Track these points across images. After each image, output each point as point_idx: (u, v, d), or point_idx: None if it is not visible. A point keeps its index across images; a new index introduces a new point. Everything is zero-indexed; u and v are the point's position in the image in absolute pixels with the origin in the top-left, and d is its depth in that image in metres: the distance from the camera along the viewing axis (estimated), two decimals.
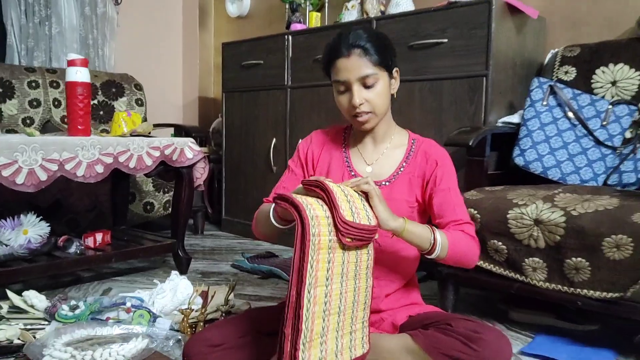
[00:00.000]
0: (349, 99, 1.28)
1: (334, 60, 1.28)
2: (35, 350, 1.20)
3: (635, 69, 1.97)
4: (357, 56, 1.25)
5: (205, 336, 1.26)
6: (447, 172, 1.32)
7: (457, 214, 1.28)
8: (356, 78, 1.26)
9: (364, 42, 1.25)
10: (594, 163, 1.89)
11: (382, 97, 1.29)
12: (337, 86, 1.30)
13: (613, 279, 1.41)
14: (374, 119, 1.30)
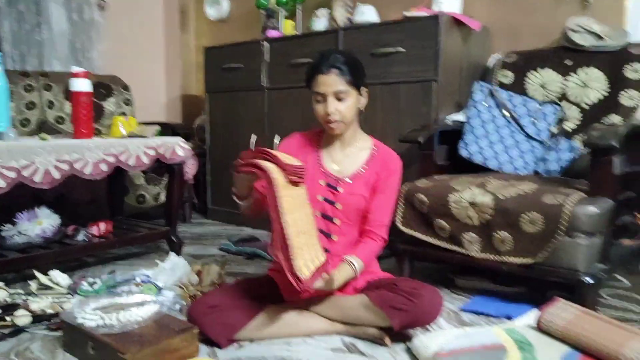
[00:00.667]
0: (324, 107, 1.61)
1: (316, 75, 1.61)
2: (70, 315, 1.50)
3: (559, 73, 2.33)
4: (334, 75, 1.59)
5: (205, 300, 1.59)
6: (392, 181, 1.70)
7: (383, 218, 1.70)
8: (332, 92, 1.59)
9: (340, 64, 1.59)
10: (525, 154, 2.25)
11: (350, 110, 1.62)
12: (316, 96, 1.63)
13: (529, 248, 1.77)
14: (341, 126, 1.64)
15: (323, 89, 1.60)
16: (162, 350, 1.40)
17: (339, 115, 1.62)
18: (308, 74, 1.66)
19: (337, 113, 1.61)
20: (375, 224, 1.66)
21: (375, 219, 1.66)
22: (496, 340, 1.38)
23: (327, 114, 1.61)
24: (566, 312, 1.41)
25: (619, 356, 1.23)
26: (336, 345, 1.58)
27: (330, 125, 1.64)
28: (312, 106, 1.66)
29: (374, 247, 1.67)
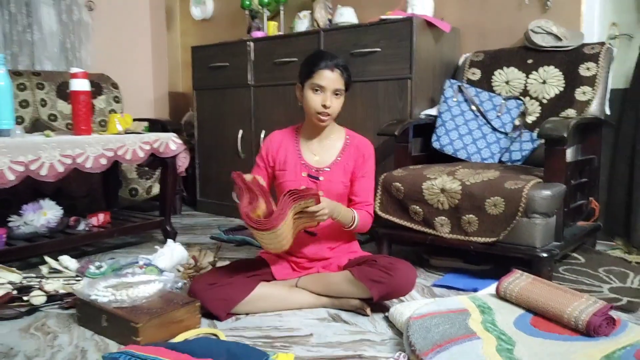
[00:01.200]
0: (322, 99, 1.79)
1: (320, 69, 1.79)
2: (83, 292, 1.67)
3: (522, 71, 2.56)
4: (338, 74, 1.78)
5: (204, 278, 1.78)
6: (369, 165, 1.89)
7: (368, 197, 1.90)
8: (333, 88, 1.78)
9: (342, 67, 1.80)
10: (491, 145, 2.47)
11: (339, 107, 1.83)
12: (314, 87, 1.80)
13: (492, 228, 1.99)
14: (329, 120, 1.83)
15: (326, 83, 1.78)
16: (168, 320, 1.58)
17: (332, 110, 1.81)
18: (309, 66, 1.82)
19: (332, 108, 1.80)
20: (362, 204, 1.87)
21: (361, 200, 1.86)
22: (461, 305, 1.59)
23: (325, 106, 1.79)
24: (521, 281, 1.63)
25: (564, 314, 1.44)
26: (322, 316, 1.78)
27: (321, 117, 1.82)
28: (305, 96, 1.83)
29: (367, 216, 1.88)
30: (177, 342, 1.33)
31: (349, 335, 1.62)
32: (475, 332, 1.42)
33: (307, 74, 1.82)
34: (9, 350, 1.53)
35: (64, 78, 3.47)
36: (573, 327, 1.42)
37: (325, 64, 1.78)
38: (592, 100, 2.35)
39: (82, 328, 1.68)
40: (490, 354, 1.29)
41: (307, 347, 1.54)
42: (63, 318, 1.76)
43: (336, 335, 1.62)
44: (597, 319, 1.38)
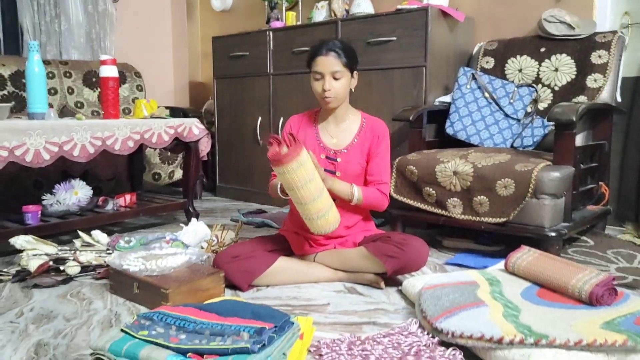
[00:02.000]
0: (321, 85, 1.88)
1: (316, 57, 1.89)
2: (116, 262, 1.79)
3: (535, 59, 2.62)
4: (332, 57, 1.87)
5: (228, 251, 1.88)
6: (384, 146, 1.96)
7: (382, 177, 1.95)
8: (329, 71, 1.87)
9: (337, 48, 1.87)
10: (504, 131, 2.54)
11: (343, 88, 1.90)
12: (315, 75, 1.90)
13: (503, 209, 2.07)
14: (335, 102, 1.92)
15: (321, 68, 1.87)
16: (195, 288, 1.69)
17: (334, 92, 1.89)
18: (309, 56, 1.93)
19: (332, 90, 1.89)
20: (377, 183, 1.94)
21: (376, 179, 1.93)
22: (470, 278, 1.68)
23: (324, 90, 1.88)
24: (528, 256, 1.71)
25: (568, 286, 1.52)
26: (339, 288, 1.88)
27: (325, 100, 1.90)
28: (311, 84, 1.94)
29: (377, 193, 1.92)
30: (204, 304, 1.44)
31: (364, 305, 1.72)
32: (483, 301, 1.50)
33: (308, 65, 1.93)
34: (49, 312, 1.65)
35: (89, 67, 3.61)
36: (577, 297, 1.50)
37: (320, 51, 1.87)
38: (603, 87, 2.41)
39: (114, 296, 1.80)
40: (497, 319, 1.37)
41: (324, 315, 1.64)
42: (96, 287, 1.89)
43: (352, 304, 1.72)
44: (600, 289, 1.46)
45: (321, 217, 1.72)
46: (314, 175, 1.70)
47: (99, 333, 1.49)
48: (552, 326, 1.30)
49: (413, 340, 1.41)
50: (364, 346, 1.38)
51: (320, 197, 1.71)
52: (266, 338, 1.20)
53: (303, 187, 1.67)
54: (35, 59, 2.30)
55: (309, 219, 1.74)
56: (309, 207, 1.69)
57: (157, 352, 1.17)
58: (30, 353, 1.37)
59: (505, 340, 1.25)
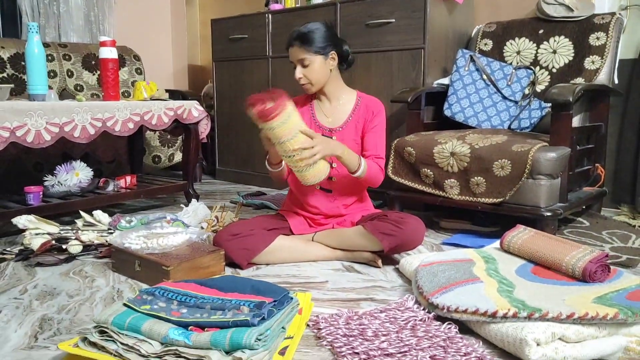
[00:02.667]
0: (295, 74, 1.91)
1: (287, 48, 1.95)
2: (117, 241, 1.82)
3: (533, 41, 2.62)
4: (296, 47, 1.91)
5: (228, 229, 1.91)
6: (379, 121, 1.98)
7: (378, 151, 1.97)
8: (297, 60, 1.89)
9: (300, 38, 1.90)
10: (501, 113, 2.55)
11: (316, 73, 1.92)
12: (292, 65, 1.93)
13: (499, 189, 2.09)
14: (312, 87, 1.95)
15: (291, 58, 1.95)
16: (196, 266, 1.72)
17: (305, 79, 1.93)
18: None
19: (304, 77, 1.92)
20: (374, 157, 1.95)
21: (371, 154, 1.95)
22: (466, 256, 1.71)
23: (296, 78, 1.93)
24: (524, 234, 1.74)
25: (562, 263, 1.55)
26: (337, 267, 1.91)
27: (304, 87, 1.96)
28: None
29: (376, 166, 1.93)
30: (205, 279, 1.46)
31: (362, 282, 1.75)
32: (478, 277, 1.53)
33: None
34: (53, 289, 1.68)
35: (89, 49, 3.60)
36: (570, 274, 1.53)
37: (288, 42, 1.93)
38: (601, 69, 2.42)
39: (116, 273, 1.83)
40: (491, 294, 1.40)
41: (323, 291, 1.67)
42: (98, 265, 1.92)
43: (350, 282, 1.75)
44: (593, 265, 1.49)
45: (312, 165, 1.74)
46: (302, 124, 1.73)
47: (101, 308, 1.52)
48: (545, 301, 1.33)
49: (409, 315, 1.44)
50: (362, 320, 1.41)
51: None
52: (266, 312, 1.23)
53: (293, 139, 1.69)
54: (35, 40, 2.30)
55: (299, 171, 1.75)
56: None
57: (159, 325, 1.20)
58: (34, 327, 1.40)
59: (499, 314, 1.28)
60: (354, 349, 1.26)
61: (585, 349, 1.21)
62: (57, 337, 1.34)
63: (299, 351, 1.27)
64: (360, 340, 1.30)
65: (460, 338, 1.31)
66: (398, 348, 1.25)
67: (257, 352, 1.13)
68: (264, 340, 1.16)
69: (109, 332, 1.20)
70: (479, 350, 1.25)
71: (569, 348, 1.20)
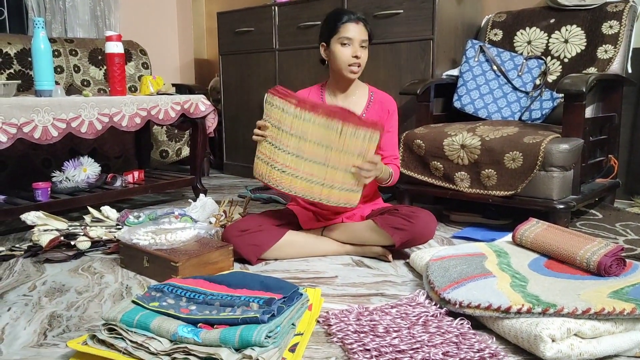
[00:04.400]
0: (351, 51, 1.85)
1: (345, 23, 1.85)
2: (126, 237, 1.81)
3: (544, 31, 2.58)
4: (362, 26, 1.86)
5: (236, 225, 1.90)
6: (394, 120, 1.96)
7: (394, 151, 1.97)
8: (359, 39, 1.85)
9: (365, 20, 1.87)
10: (512, 104, 2.51)
11: (366, 59, 1.89)
12: (342, 40, 1.85)
13: (510, 182, 2.06)
14: (359, 72, 1.90)
15: (353, 34, 1.84)
16: (204, 261, 1.71)
17: (362, 60, 1.87)
18: (333, 21, 1.87)
19: (362, 58, 1.87)
20: (390, 158, 1.94)
21: (389, 154, 1.93)
22: (478, 250, 1.68)
23: (356, 56, 1.84)
24: (536, 228, 1.71)
25: (576, 256, 1.52)
26: (346, 261, 1.89)
27: (352, 69, 1.87)
28: (334, 52, 1.86)
29: (397, 169, 1.95)
30: (214, 275, 1.45)
31: (372, 277, 1.73)
32: (491, 272, 1.51)
33: (332, 30, 1.88)
34: (62, 286, 1.68)
35: (95, 45, 3.59)
36: (585, 268, 1.50)
37: (349, 18, 1.85)
38: (614, 58, 2.37)
39: (125, 270, 1.82)
40: (504, 289, 1.38)
41: (332, 287, 1.65)
42: (107, 261, 1.91)
43: (360, 277, 1.73)
44: (608, 259, 1.46)
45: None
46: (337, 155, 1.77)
47: (110, 305, 1.51)
48: (560, 296, 1.31)
49: (421, 311, 1.42)
50: (372, 317, 1.39)
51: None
52: (275, 308, 1.21)
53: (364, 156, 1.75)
54: (41, 35, 2.29)
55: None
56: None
57: (168, 323, 1.19)
58: (43, 324, 1.39)
59: (512, 309, 1.26)
60: (365, 345, 1.24)
61: (602, 345, 1.19)
62: (66, 334, 1.34)
63: (309, 348, 1.26)
64: (372, 336, 1.28)
65: (473, 334, 1.29)
66: (410, 344, 1.23)
67: (267, 350, 1.11)
68: (273, 337, 1.15)
69: (117, 329, 1.19)
70: (493, 347, 1.23)
71: (584, 344, 1.18)
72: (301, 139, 1.74)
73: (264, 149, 1.77)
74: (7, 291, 1.63)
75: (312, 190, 1.79)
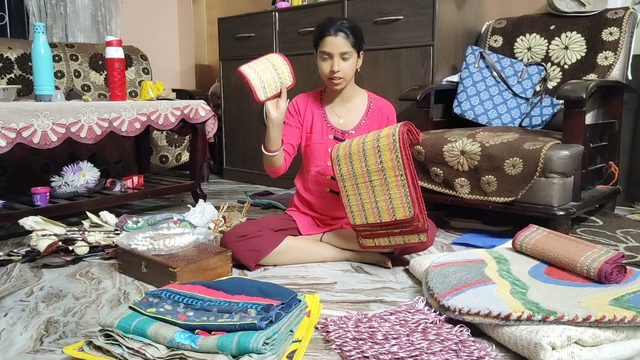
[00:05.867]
0: (330, 65, 1.86)
1: (324, 37, 1.86)
2: (124, 242, 1.80)
3: (544, 37, 2.58)
4: (341, 37, 1.84)
5: (235, 230, 1.89)
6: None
7: None
8: (338, 52, 1.84)
9: (346, 29, 1.84)
10: (512, 110, 2.51)
11: (351, 69, 1.88)
12: (322, 55, 1.88)
13: (510, 188, 2.05)
14: (343, 83, 1.90)
15: (330, 49, 1.85)
16: (203, 267, 1.70)
17: (342, 73, 1.87)
18: (316, 35, 1.90)
19: (341, 71, 1.87)
20: None
21: None
22: (478, 256, 1.67)
23: (333, 71, 1.86)
24: (537, 234, 1.70)
25: (576, 263, 1.51)
26: (346, 267, 1.88)
27: (333, 82, 1.89)
28: (317, 64, 1.91)
29: None
30: (212, 281, 1.44)
31: (371, 284, 1.72)
32: (490, 279, 1.50)
33: (315, 43, 1.90)
34: (59, 291, 1.67)
35: (96, 50, 3.59)
36: (585, 275, 1.49)
37: (328, 31, 1.84)
38: (614, 65, 2.37)
39: (123, 275, 1.82)
40: (504, 296, 1.37)
41: (331, 293, 1.64)
42: (105, 267, 1.90)
43: (359, 283, 1.72)
44: (608, 266, 1.45)
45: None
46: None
47: (107, 311, 1.50)
48: (560, 303, 1.30)
49: (420, 318, 1.41)
50: (371, 323, 1.38)
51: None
52: (273, 315, 1.20)
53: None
54: (41, 40, 2.29)
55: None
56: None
57: (165, 329, 1.18)
58: (40, 330, 1.38)
59: (512, 316, 1.25)
60: (364, 352, 1.23)
61: (602, 353, 1.18)
62: (62, 340, 1.33)
63: (307, 355, 1.25)
64: (370, 343, 1.27)
65: (473, 341, 1.28)
66: (409, 352, 1.22)
67: (265, 357, 1.10)
68: (271, 344, 1.14)
69: (114, 335, 1.18)
70: (492, 354, 1.22)
71: (585, 352, 1.17)
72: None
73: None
74: (4, 296, 1.62)
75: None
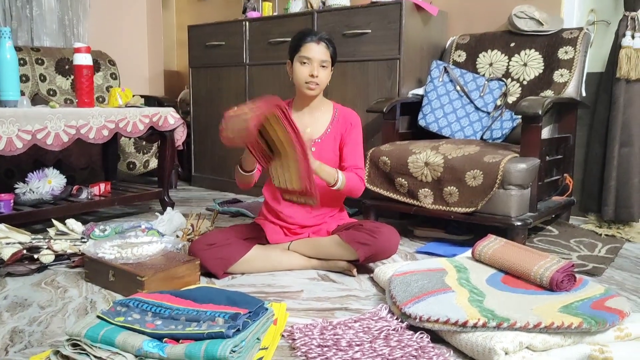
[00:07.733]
0: (309, 70, 1.91)
1: (306, 43, 1.91)
2: (91, 250, 1.80)
3: (505, 54, 2.69)
4: (323, 46, 1.91)
5: (203, 239, 1.91)
6: (356, 132, 2.02)
7: (357, 162, 2.01)
8: (318, 59, 1.90)
9: (328, 41, 1.93)
10: (474, 123, 2.61)
11: (327, 79, 1.95)
12: (302, 59, 1.92)
13: (471, 199, 2.14)
14: (317, 90, 1.95)
15: (312, 54, 1.90)
16: (171, 276, 1.71)
17: (319, 80, 1.93)
18: (297, 40, 1.94)
19: (319, 77, 1.92)
20: (351, 168, 1.98)
21: (350, 164, 1.98)
22: (439, 265, 1.74)
23: (312, 75, 1.90)
24: (495, 244, 1.78)
25: (530, 272, 1.60)
26: (312, 276, 1.93)
27: (309, 86, 1.93)
28: (294, 69, 1.93)
29: (356, 177, 1.96)
30: (180, 290, 1.46)
31: (337, 292, 1.77)
32: (450, 287, 1.57)
33: (294, 49, 1.95)
34: (24, 300, 1.66)
35: (62, 54, 3.55)
36: (538, 284, 1.58)
37: (311, 38, 1.91)
38: (569, 82, 2.49)
39: (89, 284, 1.81)
40: (462, 304, 1.44)
41: (298, 301, 1.68)
42: (71, 275, 1.90)
43: (325, 291, 1.77)
44: (559, 274, 1.53)
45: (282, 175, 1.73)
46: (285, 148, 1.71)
47: (74, 320, 1.51)
48: (514, 310, 1.37)
49: (383, 325, 1.46)
50: (336, 331, 1.43)
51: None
52: (241, 323, 1.23)
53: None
54: (7, 45, 2.27)
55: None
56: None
57: (133, 338, 1.20)
58: (5, 340, 1.38)
59: (469, 323, 1.31)
60: (328, 359, 1.27)
61: (551, 358, 1.25)
62: (28, 349, 1.33)
63: None
64: (335, 350, 1.32)
65: (432, 347, 1.34)
66: (371, 358, 1.28)
67: None
68: (238, 351, 1.17)
69: (81, 345, 1.19)
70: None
71: (535, 356, 1.24)
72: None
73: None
74: None
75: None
